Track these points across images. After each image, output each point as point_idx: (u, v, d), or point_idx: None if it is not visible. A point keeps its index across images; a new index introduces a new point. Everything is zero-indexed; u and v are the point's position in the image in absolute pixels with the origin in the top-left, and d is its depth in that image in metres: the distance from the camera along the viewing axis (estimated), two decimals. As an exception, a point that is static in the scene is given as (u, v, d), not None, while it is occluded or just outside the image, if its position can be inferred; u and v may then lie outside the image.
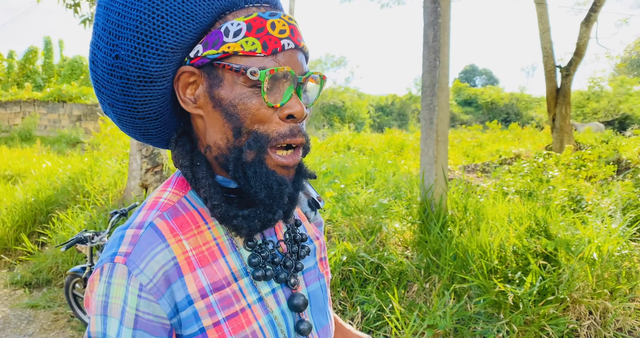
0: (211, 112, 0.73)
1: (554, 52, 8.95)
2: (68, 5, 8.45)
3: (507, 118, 35.76)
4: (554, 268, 3.13)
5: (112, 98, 0.75)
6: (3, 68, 27.13)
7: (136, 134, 0.83)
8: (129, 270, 0.67)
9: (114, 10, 0.70)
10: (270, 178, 0.72)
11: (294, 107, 0.72)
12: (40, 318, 4.46)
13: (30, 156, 11.23)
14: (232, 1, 0.72)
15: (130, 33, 0.69)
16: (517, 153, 9.33)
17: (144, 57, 0.70)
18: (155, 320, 0.68)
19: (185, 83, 0.75)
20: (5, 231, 6.30)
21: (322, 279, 0.89)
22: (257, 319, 0.74)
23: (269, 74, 0.68)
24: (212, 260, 0.73)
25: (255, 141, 0.71)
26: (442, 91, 3.95)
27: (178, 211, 0.75)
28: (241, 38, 0.69)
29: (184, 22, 0.69)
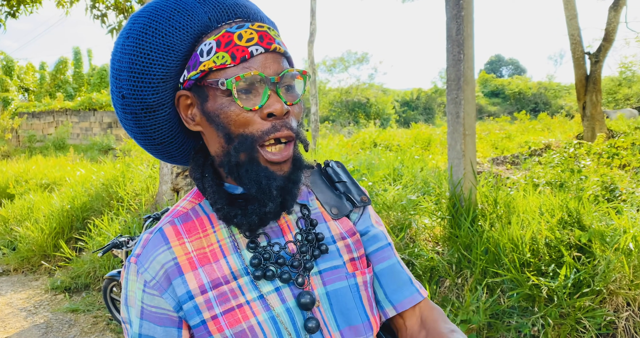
0: (207, 126, 0.82)
1: (582, 39, 8.76)
2: (95, 16, 8.65)
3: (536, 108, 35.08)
4: (588, 259, 3.08)
5: (132, 132, 0.88)
6: (36, 80, 27.91)
7: (163, 157, 0.94)
8: (137, 268, 0.81)
9: (116, 59, 0.81)
10: (260, 174, 0.79)
11: (273, 105, 0.77)
12: (80, 322, 4.60)
13: (65, 165, 11.53)
14: (205, 25, 0.80)
15: (126, 74, 0.80)
16: (547, 143, 9.16)
17: (140, 91, 0.81)
18: (160, 312, 0.80)
19: (184, 105, 0.84)
20: (44, 238, 6.49)
21: (352, 279, 0.89)
22: (256, 315, 0.80)
23: (234, 81, 0.76)
24: (213, 260, 0.82)
25: (241, 143, 0.78)
26: (467, 84, 3.91)
27: (189, 216, 0.87)
28: (213, 55, 0.77)
29: (165, 54, 0.79)
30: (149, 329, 0.80)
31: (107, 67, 26.85)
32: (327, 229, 0.92)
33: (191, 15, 0.79)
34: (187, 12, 0.79)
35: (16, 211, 7.83)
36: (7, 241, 7.33)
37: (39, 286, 5.79)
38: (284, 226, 0.88)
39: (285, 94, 0.81)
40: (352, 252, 0.92)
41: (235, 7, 0.83)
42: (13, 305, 5.15)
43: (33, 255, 6.52)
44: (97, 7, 8.70)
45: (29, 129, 19.94)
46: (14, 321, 4.71)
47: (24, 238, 6.76)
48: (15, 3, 9.41)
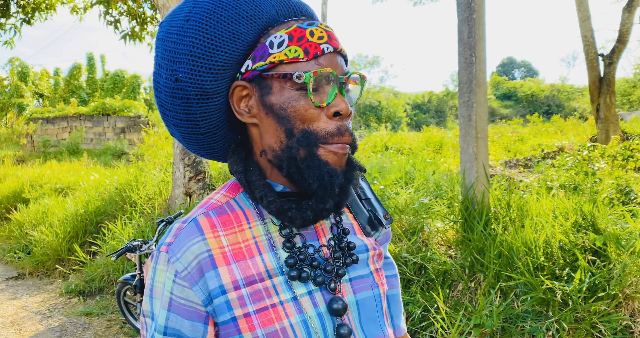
0: (264, 118, 0.80)
1: (595, 40, 8.68)
2: (109, 22, 8.75)
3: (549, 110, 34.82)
4: (603, 263, 3.05)
5: (176, 118, 0.84)
6: (50, 85, 28.24)
7: (200, 150, 0.91)
8: (169, 257, 0.77)
9: (170, 40, 0.79)
10: (322, 169, 0.77)
11: (339, 104, 0.78)
12: (94, 325, 4.63)
13: (79, 169, 11.64)
14: (272, 18, 0.80)
15: (185, 57, 0.78)
16: (560, 146, 9.09)
17: (199, 77, 0.78)
18: (188, 304, 0.76)
19: (239, 97, 0.82)
20: (58, 242, 6.56)
21: (377, 289, 0.91)
22: (289, 317, 0.78)
23: (312, 75, 0.75)
24: (248, 256, 0.80)
25: (305, 138, 0.77)
26: (479, 87, 3.89)
27: (224, 210, 0.83)
28: (285, 48, 0.77)
29: (231, 41, 0.78)
30: (176, 322, 0.76)
31: (120, 72, 27.11)
32: (357, 238, 0.93)
33: (259, 6, 0.79)
34: (254, 3, 0.79)
35: (31, 215, 7.92)
36: (23, 245, 7.42)
37: (54, 289, 5.85)
38: (318, 230, 0.88)
39: (346, 96, 0.82)
40: (376, 263, 0.94)
41: (301, 5, 0.85)
42: (28, 309, 5.21)
43: (48, 258, 6.59)
44: (110, 13, 8.80)
45: (43, 135, 20.16)
46: (29, 324, 4.76)
47: (38, 242, 6.84)
48: (30, 10, 9.55)
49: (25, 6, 9.54)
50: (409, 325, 3.18)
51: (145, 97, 27.77)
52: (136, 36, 8.93)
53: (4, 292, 5.84)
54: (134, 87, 27.09)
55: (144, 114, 18.31)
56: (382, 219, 0.96)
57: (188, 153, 6.09)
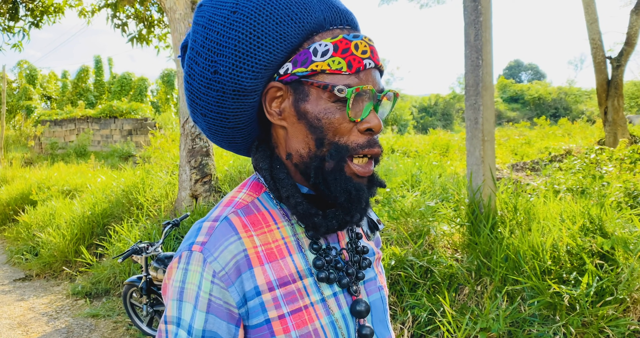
0: (295, 123, 0.79)
1: (603, 43, 8.64)
2: (116, 25, 8.80)
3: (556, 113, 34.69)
4: (611, 267, 3.02)
5: (206, 109, 0.82)
6: (58, 88, 28.44)
7: (223, 142, 0.90)
8: (205, 257, 0.73)
9: (214, 30, 0.77)
10: (349, 184, 0.78)
11: (372, 121, 0.78)
12: (101, 327, 4.65)
13: (86, 171, 11.70)
14: (319, 24, 0.79)
15: (228, 51, 0.76)
16: (567, 149, 9.05)
17: (240, 73, 0.77)
18: (224, 306, 0.73)
19: (272, 97, 0.82)
20: (65, 244, 6.59)
21: (382, 291, 0.93)
22: (320, 318, 0.78)
23: (355, 92, 0.75)
24: (279, 256, 0.79)
25: (337, 152, 0.77)
26: (486, 89, 3.88)
27: (251, 209, 0.82)
28: (328, 57, 0.76)
29: (277, 42, 0.76)
30: (214, 324, 0.72)
31: (128, 75, 27.23)
32: (364, 243, 0.95)
33: (308, 9, 0.78)
34: (305, 6, 0.78)
35: (38, 217, 7.97)
36: (30, 246, 7.46)
37: (61, 291, 5.87)
38: (339, 233, 0.89)
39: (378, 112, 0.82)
40: (379, 267, 0.97)
41: (347, 14, 0.83)
42: (35, 310, 5.23)
43: (55, 260, 6.62)
44: (118, 16, 8.85)
45: (51, 137, 20.28)
46: (36, 325, 4.78)
47: (46, 244, 6.87)
48: (39, 13, 9.62)
49: (34, 9, 9.61)
50: (415, 329, 3.16)
51: (152, 99, 27.92)
52: (143, 39, 8.98)
53: (11, 293, 5.87)
54: (141, 89, 27.23)
55: (150, 116, 18.39)
56: (377, 223, 0.98)
57: (195, 155, 6.11)
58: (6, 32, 9.81)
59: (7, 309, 5.28)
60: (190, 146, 6.10)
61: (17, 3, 9.47)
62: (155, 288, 4.03)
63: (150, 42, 9.12)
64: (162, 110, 26.13)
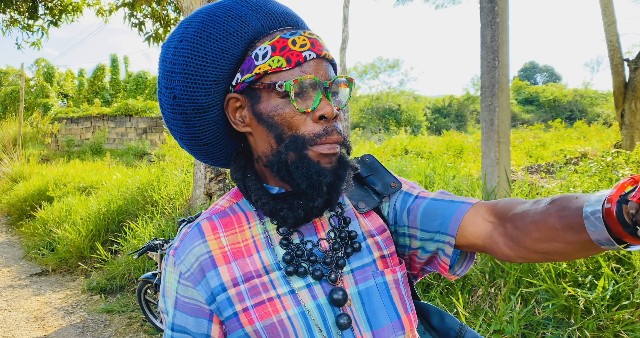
0: (256, 127, 0.85)
1: (620, 45, 8.54)
2: (133, 24, 8.88)
3: (571, 116, 34.34)
4: (628, 271, 3.00)
5: (179, 132, 0.90)
6: (74, 86, 28.75)
7: (206, 159, 0.97)
8: (175, 260, 0.85)
9: (167, 61, 0.85)
10: (311, 169, 0.80)
11: (324, 108, 0.81)
12: (115, 323, 4.70)
13: (101, 169, 11.82)
14: (258, 31, 0.84)
15: (180, 75, 0.83)
16: (583, 151, 8.96)
17: (194, 92, 0.84)
18: (192, 302, 0.83)
19: (233, 108, 0.88)
20: (81, 240, 6.67)
21: (381, 277, 0.89)
22: (287, 309, 0.82)
23: (293, 83, 0.79)
24: (247, 254, 0.85)
25: (292, 142, 0.81)
26: (502, 91, 3.87)
27: (227, 213, 0.90)
28: (268, 58, 0.81)
29: (220, 57, 0.82)
30: (182, 319, 0.84)
31: (143, 74, 27.47)
32: (358, 226, 0.93)
33: (244, 21, 0.83)
34: (241, 19, 0.83)
35: (55, 213, 8.07)
36: (46, 242, 7.56)
37: (76, 286, 5.95)
38: (317, 224, 0.91)
39: (333, 100, 0.84)
40: (382, 249, 0.92)
41: (286, 15, 0.88)
42: (51, 305, 5.30)
43: (70, 256, 6.71)
44: (135, 15, 8.93)
45: (67, 134, 20.51)
46: (52, 320, 4.85)
47: (62, 240, 6.96)
48: (58, 12, 9.74)
49: (53, 8, 9.74)
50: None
51: (167, 98, 28.06)
52: (160, 38, 9.05)
53: (28, 288, 5.96)
54: (156, 88, 27.40)
55: (165, 115, 18.50)
56: (381, 191, 0.95)
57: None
58: (25, 30, 9.95)
59: (24, 303, 5.36)
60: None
61: (37, 2, 9.60)
62: (170, 285, 4.06)
63: (167, 42, 9.19)
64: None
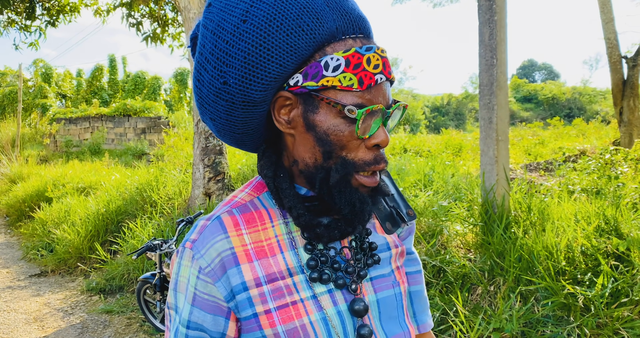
0: (303, 133, 0.79)
1: (618, 43, 8.55)
2: (131, 24, 8.87)
3: (570, 113, 34.37)
4: (627, 268, 3.00)
5: (215, 114, 0.82)
6: (73, 86, 28.72)
7: (232, 143, 0.91)
8: (193, 254, 0.79)
9: (222, 38, 0.75)
10: (354, 196, 0.78)
11: (380, 137, 0.77)
12: (115, 323, 4.69)
13: (100, 169, 11.80)
14: (331, 34, 0.76)
15: (238, 63, 0.74)
16: (581, 149, 8.96)
17: (249, 86, 0.75)
18: (211, 299, 0.78)
19: (281, 105, 0.80)
20: (80, 241, 6.67)
21: (398, 287, 0.92)
22: (309, 314, 0.79)
23: (365, 113, 0.74)
24: (270, 254, 0.81)
25: (343, 167, 0.77)
26: (500, 89, 3.87)
27: (248, 208, 0.85)
28: (339, 73, 0.74)
29: (287, 54, 0.74)
30: (199, 316, 0.79)
31: (141, 74, 27.41)
32: (378, 238, 0.94)
33: (320, 19, 0.74)
34: (316, 15, 0.74)
35: (54, 214, 8.06)
36: (45, 243, 7.55)
37: (75, 287, 5.94)
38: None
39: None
40: (397, 261, 0.95)
41: (360, 21, 0.80)
42: (51, 305, 5.30)
43: (70, 256, 6.70)
44: (132, 15, 8.92)
45: (66, 135, 20.48)
46: (52, 320, 4.84)
47: (61, 241, 6.96)
48: (55, 12, 9.73)
49: (51, 9, 9.72)
50: (428, 328, 3.16)
51: (166, 98, 28.07)
52: (157, 38, 9.04)
53: (27, 289, 5.95)
54: (155, 88, 27.38)
55: (164, 115, 18.48)
56: (405, 215, 0.95)
57: (208, 153, 6.15)
58: (23, 31, 9.93)
59: (23, 304, 5.36)
60: (203, 144, 6.14)
61: (34, 2, 9.58)
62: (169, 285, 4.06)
63: (165, 41, 9.19)
64: (176, 109, 26.27)
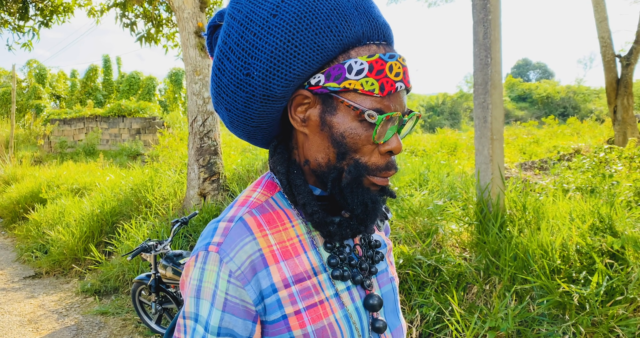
0: (318, 133, 0.79)
1: (612, 42, 8.58)
2: (125, 24, 8.83)
3: (564, 112, 34.49)
4: (621, 266, 3.01)
5: (231, 105, 0.82)
6: (67, 87, 28.62)
7: (243, 136, 0.90)
8: (221, 257, 0.75)
9: (251, 30, 0.74)
10: (366, 196, 0.79)
11: (393, 143, 0.79)
12: (110, 325, 4.67)
13: (95, 170, 11.75)
14: (357, 38, 0.76)
15: (264, 56, 0.74)
16: (576, 148, 8.99)
17: (272, 80, 0.75)
18: (241, 304, 0.75)
19: (298, 103, 0.80)
20: (74, 242, 6.63)
21: (393, 282, 0.96)
22: (334, 312, 0.80)
23: (385, 119, 0.76)
24: (294, 254, 0.81)
25: (356, 169, 0.78)
26: (495, 88, 3.87)
27: (265, 209, 0.84)
28: (362, 77, 0.75)
29: (313, 53, 0.74)
30: (230, 322, 0.75)
31: (136, 74, 27.32)
32: (376, 236, 0.99)
33: (349, 22, 0.75)
34: (345, 18, 0.75)
35: (48, 215, 8.02)
36: (40, 244, 7.51)
37: (70, 289, 5.91)
38: None
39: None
40: (390, 257, 1.00)
41: (385, 28, 0.81)
42: (45, 307, 5.27)
43: (64, 258, 6.67)
44: (126, 15, 8.89)
45: (60, 136, 20.41)
46: (46, 322, 4.81)
47: (55, 242, 6.92)
48: (49, 13, 9.68)
49: (44, 9, 9.67)
50: (424, 327, 3.16)
51: (160, 98, 28.01)
52: (152, 38, 9.01)
53: (22, 291, 5.92)
54: (149, 88, 27.32)
55: (159, 115, 18.44)
56: (385, 212, 0.99)
57: (203, 154, 6.13)
58: (16, 31, 9.88)
59: (18, 306, 5.33)
60: (198, 144, 6.13)
61: (27, 3, 9.53)
62: (164, 286, 4.05)
63: (159, 42, 9.16)
64: (170, 109, 26.22)
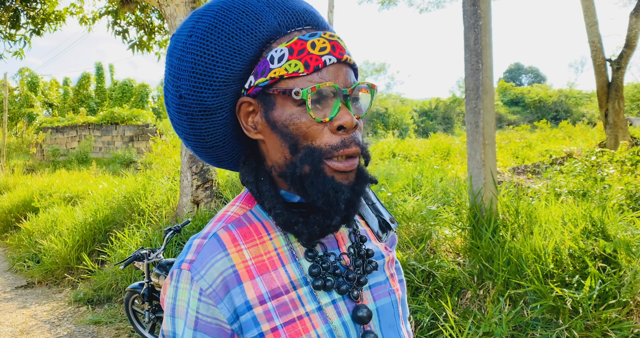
0: (270, 135, 0.78)
1: (603, 46, 8.65)
2: (117, 32, 8.83)
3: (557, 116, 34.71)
4: (614, 270, 3.01)
5: (184, 132, 0.85)
6: (59, 95, 28.54)
7: (211, 161, 0.92)
8: (192, 275, 0.74)
9: (175, 56, 0.79)
10: (327, 185, 0.75)
11: (343, 118, 0.75)
12: (103, 334, 4.64)
13: (88, 178, 11.70)
14: (274, 30, 0.77)
15: (187, 74, 0.78)
16: (568, 151, 9.04)
17: (200, 93, 0.78)
18: (214, 322, 0.74)
19: (246, 112, 0.81)
20: (67, 251, 6.59)
21: (394, 295, 0.91)
22: (315, 328, 0.77)
23: (310, 91, 0.72)
24: (271, 268, 0.78)
25: (307, 155, 0.75)
26: (486, 93, 3.88)
27: (243, 222, 0.81)
28: (285, 62, 0.74)
29: (231, 57, 0.76)
30: None
31: (129, 82, 27.32)
32: (372, 245, 0.93)
33: (260, 19, 0.77)
34: (256, 16, 0.77)
35: (40, 224, 7.97)
36: (32, 254, 7.46)
37: (63, 298, 5.86)
38: (338, 238, 0.87)
39: (353, 107, 0.79)
40: (390, 269, 0.95)
41: (305, 13, 0.81)
42: (37, 317, 5.22)
43: (57, 267, 6.62)
44: (118, 23, 8.88)
45: (52, 144, 20.32)
46: (38, 333, 4.77)
47: (48, 251, 6.87)
48: (40, 21, 9.66)
49: (35, 17, 9.65)
50: (418, 333, 3.16)
51: (154, 106, 27.97)
52: (144, 46, 9.00)
53: (14, 301, 5.87)
54: (142, 96, 27.28)
55: (152, 122, 18.41)
56: (389, 222, 0.95)
57: (196, 161, 6.11)
58: (7, 40, 9.85)
59: (10, 317, 5.28)
60: (191, 152, 6.11)
61: (19, 11, 9.51)
62: (157, 294, 4.02)
63: (151, 49, 9.14)
64: (164, 116, 26.16)
